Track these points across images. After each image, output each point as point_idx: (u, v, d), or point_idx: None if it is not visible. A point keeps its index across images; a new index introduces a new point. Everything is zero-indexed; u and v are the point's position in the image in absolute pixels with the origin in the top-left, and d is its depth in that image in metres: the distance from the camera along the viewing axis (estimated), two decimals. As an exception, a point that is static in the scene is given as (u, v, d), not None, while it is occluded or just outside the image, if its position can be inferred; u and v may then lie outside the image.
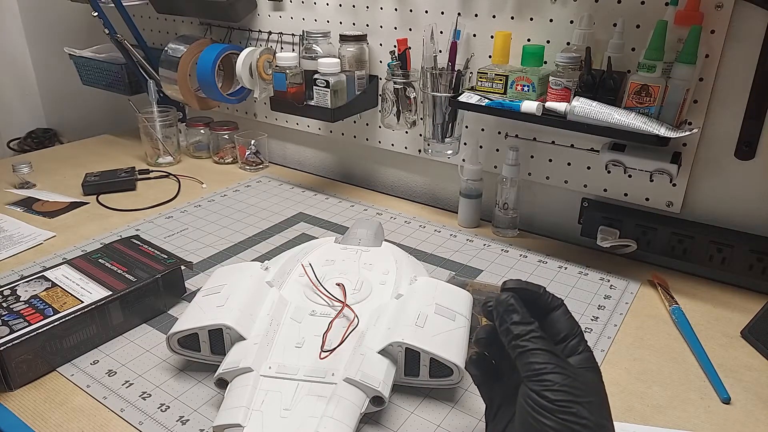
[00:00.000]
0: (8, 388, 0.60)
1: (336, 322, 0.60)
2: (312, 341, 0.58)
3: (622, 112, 0.72)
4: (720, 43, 0.74)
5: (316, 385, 0.54)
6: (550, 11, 0.85)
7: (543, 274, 0.83)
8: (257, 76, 1.10)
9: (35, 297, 0.67)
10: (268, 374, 0.55)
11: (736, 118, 0.77)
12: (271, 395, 0.53)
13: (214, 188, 1.13)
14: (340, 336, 0.58)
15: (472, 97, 0.84)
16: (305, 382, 0.54)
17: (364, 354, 0.56)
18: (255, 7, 1.18)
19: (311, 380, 0.54)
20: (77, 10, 1.48)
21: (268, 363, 0.56)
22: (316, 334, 0.59)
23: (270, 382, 0.54)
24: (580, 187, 0.92)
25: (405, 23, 1.00)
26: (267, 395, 0.53)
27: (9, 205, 1.05)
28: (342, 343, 0.57)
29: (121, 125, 1.49)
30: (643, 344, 0.68)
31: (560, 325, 0.45)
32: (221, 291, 0.64)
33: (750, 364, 0.65)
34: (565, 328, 0.45)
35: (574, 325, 0.45)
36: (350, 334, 0.58)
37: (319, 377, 0.54)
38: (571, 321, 0.45)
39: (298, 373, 0.55)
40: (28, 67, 1.87)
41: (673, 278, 0.82)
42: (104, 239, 0.92)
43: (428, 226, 0.98)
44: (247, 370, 0.55)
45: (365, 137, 1.14)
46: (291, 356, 0.57)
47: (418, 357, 0.57)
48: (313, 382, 0.54)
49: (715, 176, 0.81)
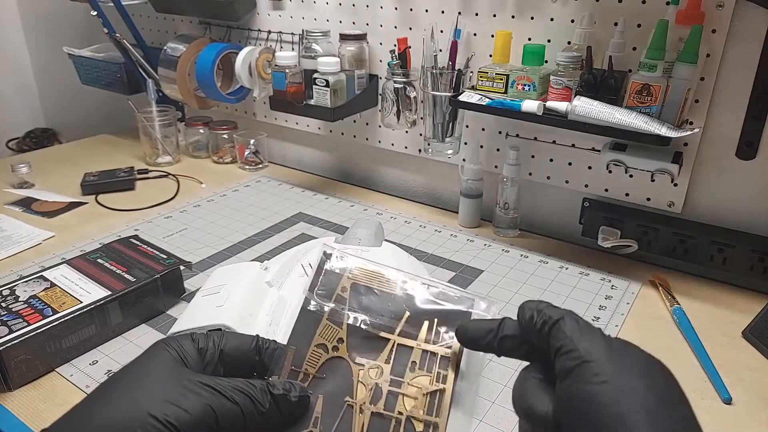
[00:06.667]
0: (7, 389, 0.60)
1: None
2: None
3: (624, 111, 0.72)
4: (721, 42, 0.74)
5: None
6: (551, 10, 0.85)
7: (544, 275, 0.83)
8: (257, 75, 1.10)
9: (34, 297, 0.67)
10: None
11: (738, 117, 0.76)
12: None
13: (214, 188, 1.13)
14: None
15: (473, 96, 0.83)
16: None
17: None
18: (254, 6, 1.18)
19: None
20: (76, 10, 1.47)
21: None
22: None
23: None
24: (581, 186, 0.92)
25: (405, 22, 0.99)
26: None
27: (8, 204, 1.04)
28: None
29: (120, 125, 1.49)
30: (644, 344, 0.67)
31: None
32: (221, 291, 0.64)
33: (751, 365, 0.65)
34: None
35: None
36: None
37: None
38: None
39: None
40: (26, 66, 1.86)
41: (674, 278, 0.81)
42: (103, 239, 0.91)
43: (428, 226, 0.98)
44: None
45: (365, 137, 1.14)
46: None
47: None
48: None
49: (716, 176, 0.81)
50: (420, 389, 0.41)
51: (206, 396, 0.36)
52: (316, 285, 0.45)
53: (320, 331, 0.43)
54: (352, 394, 0.41)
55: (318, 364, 0.42)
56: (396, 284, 0.45)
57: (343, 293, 0.45)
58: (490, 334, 0.38)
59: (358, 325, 0.43)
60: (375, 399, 0.41)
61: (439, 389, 0.41)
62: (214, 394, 0.36)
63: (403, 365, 0.42)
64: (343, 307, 0.44)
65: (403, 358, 0.42)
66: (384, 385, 0.42)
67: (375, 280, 0.46)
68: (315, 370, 0.42)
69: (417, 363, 0.42)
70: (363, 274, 0.46)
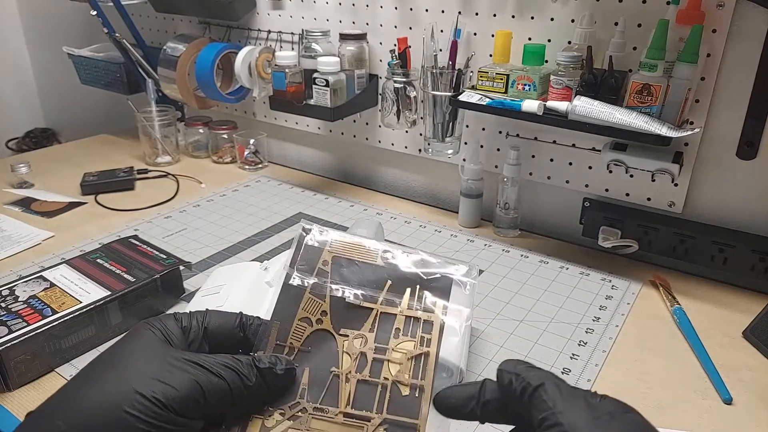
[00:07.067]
0: (7, 389, 0.60)
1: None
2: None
3: (624, 111, 0.72)
4: (722, 42, 0.74)
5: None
6: (551, 10, 0.85)
7: (544, 275, 0.83)
8: (256, 75, 1.10)
9: (34, 297, 0.67)
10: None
11: (738, 117, 0.76)
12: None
13: (213, 188, 1.13)
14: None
15: (473, 96, 0.83)
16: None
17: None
18: (254, 5, 1.18)
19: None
20: (76, 9, 1.47)
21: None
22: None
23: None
24: (582, 186, 0.92)
25: (405, 22, 0.99)
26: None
27: (7, 204, 1.04)
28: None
29: (119, 125, 1.48)
30: (644, 345, 0.68)
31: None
32: (220, 291, 0.64)
33: (751, 365, 0.65)
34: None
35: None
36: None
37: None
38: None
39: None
40: (26, 66, 1.86)
41: (674, 278, 0.81)
42: (103, 239, 0.91)
43: (428, 226, 0.98)
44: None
45: (365, 136, 1.13)
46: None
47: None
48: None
49: (717, 176, 0.81)
50: (405, 354, 0.42)
51: (192, 372, 0.36)
52: (296, 260, 0.46)
53: (303, 305, 0.44)
54: (337, 364, 0.42)
55: (303, 338, 0.43)
56: (377, 254, 0.46)
57: (325, 267, 0.46)
58: (472, 401, 0.36)
59: (340, 296, 0.44)
60: (360, 367, 0.42)
61: (423, 353, 0.42)
62: (200, 370, 0.36)
63: (387, 332, 0.43)
64: (325, 281, 0.45)
65: (387, 326, 0.43)
66: (369, 353, 0.42)
67: (355, 251, 0.46)
68: (300, 344, 0.42)
69: (401, 329, 0.43)
70: (343, 246, 0.47)
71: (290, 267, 0.45)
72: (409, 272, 0.46)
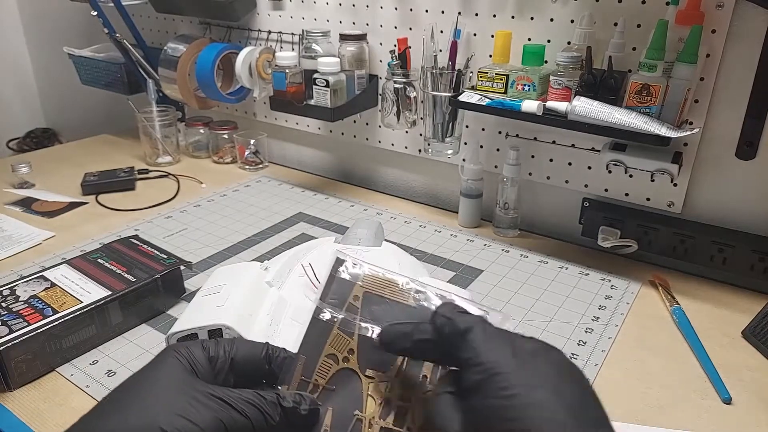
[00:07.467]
0: (7, 388, 0.60)
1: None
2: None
3: (623, 111, 0.72)
4: (721, 42, 0.74)
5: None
6: (551, 10, 0.85)
7: (544, 275, 0.83)
8: (257, 75, 1.10)
9: (34, 297, 0.67)
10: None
11: (738, 117, 0.77)
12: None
13: (214, 188, 1.13)
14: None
15: (473, 96, 0.83)
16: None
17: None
18: (254, 6, 1.18)
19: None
20: (76, 10, 1.47)
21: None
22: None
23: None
24: (581, 186, 0.92)
25: (405, 22, 0.99)
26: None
27: (8, 204, 1.04)
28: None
29: (120, 125, 1.49)
30: (643, 344, 0.68)
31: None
32: (221, 291, 0.64)
33: (751, 365, 0.65)
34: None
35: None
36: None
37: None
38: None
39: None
40: (27, 66, 1.86)
41: (674, 278, 0.81)
42: (103, 239, 0.91)
43: (428, 226, 0.98)
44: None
45: (365, 137, 1.14)
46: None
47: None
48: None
49: (716, 176, 0.81)
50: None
51: (216, 409, 0.36)
52: (328, 293, 0.44)
53: (331, 340, 0.42)
54: (361, 407, 0.40)
55: (328, 375, 0.42)
56: (409, 294, 0.44)
57: (355, 302, 0.44)
58: (407, 339, 0.38)
59: (369, 336, 0.42)
60: (384, 414, 0.40)
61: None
62: (224, 407, 0.36)
63: (414, 378, 0.41)
64: (355, 317, 0.43)
65: (415, 371, 0.41)
66: (394, 399, 0.41)
67: (387, 288, 0.45)
68: (325, 381, 0.41)
69: (428, 377, 0.41)
70: (375, 282, 0.45)
71: (320, 300, 0.44)
72: None
